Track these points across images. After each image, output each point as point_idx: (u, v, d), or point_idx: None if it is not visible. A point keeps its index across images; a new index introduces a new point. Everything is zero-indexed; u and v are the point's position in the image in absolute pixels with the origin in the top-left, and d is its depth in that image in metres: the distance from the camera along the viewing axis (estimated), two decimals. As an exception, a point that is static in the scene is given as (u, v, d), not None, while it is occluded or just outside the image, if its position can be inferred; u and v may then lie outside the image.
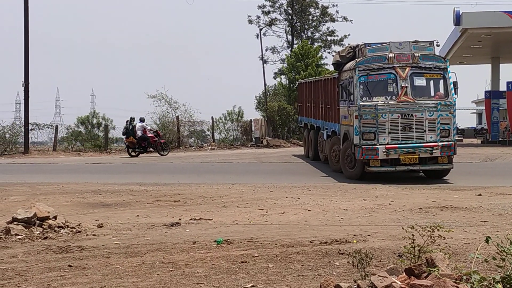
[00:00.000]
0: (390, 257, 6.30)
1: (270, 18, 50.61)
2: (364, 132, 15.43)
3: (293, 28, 50.67)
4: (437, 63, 15.91)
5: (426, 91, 16.03)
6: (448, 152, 15.53)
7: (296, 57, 41.92)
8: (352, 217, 9.60)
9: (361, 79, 15.73)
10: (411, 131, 15.39)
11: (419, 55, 15.68)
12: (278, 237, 7.78)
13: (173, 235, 8.14)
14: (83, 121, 34.72)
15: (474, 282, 3.70)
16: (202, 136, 38.28)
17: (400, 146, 15.33)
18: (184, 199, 12.24)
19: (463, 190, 13.29)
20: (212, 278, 5.71)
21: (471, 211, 9.83)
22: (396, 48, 15.80)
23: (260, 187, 14.22)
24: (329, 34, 50.91)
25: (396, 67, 15.58)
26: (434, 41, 16.35)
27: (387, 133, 15.37)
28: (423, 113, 15.41)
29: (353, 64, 16.24)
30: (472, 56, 42.62)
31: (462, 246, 6.84)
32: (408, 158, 15.41)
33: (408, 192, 13.07)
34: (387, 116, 15.36)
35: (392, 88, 15.75)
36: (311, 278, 5.60)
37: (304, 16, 50.50)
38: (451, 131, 15.64)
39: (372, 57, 15.87)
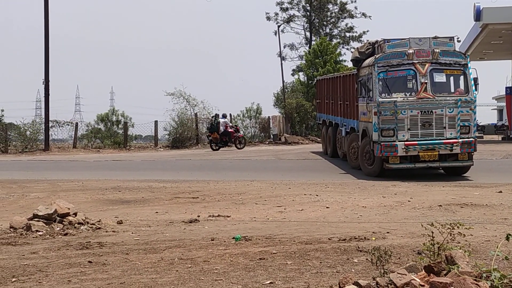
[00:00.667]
0: (409, 255, 6.26)
1: (288, 14, 50.54)
2: (383, 129, 15.33)
3: (311, 24, 50.54)
4: (457, 59, 15.75)
5: (446, 87, 15.85)
6: (469, 149, 15.36)
7: (315, 53, 41.82)
8: (370, 214, 9.56)
9: (380, 75, 15.63)
10: (430, 127, 15.25)
11: (439, 51, 15.54)
12: (296, 234, 7.77)
13: (192, 232, 8.17)
14: (103, 118, 34.98)
15: (494, 279, 3.67)
16: (220, 134, 38.31)
17: (420, 143, 15.20)
18: (202, 196, 12.28)
19: (483, 187, 13.17)
20: (231, 274, 5.73)
21: (491, 208, 9.75)
22: (415, 44, 15.68)
23: (278, 184, 14.22)
24: (348, 30, 50.70)
25: (415, 63, 15.46)
26: (454, 37, 16.20)
27: (407, 129, 15.26)
28: (443, 109, 15.27)
29: (372, 60, 16.15)
30: (493, 52, 42.20)
31: (482, 244, 6.79)
32: (428, 155, 15.26)
33: (427, 189, 12.99)
34: (406, 113, 15.25)
35: (411, 84, 15.60)
36: (330, 275, 5.59)
37: (322, 13, 50.34)
38: (471, 127, 15.46)
39: (392, 53, 15.76)
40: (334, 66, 39.99)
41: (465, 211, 9.56)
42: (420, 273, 4.17)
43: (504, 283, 3.65)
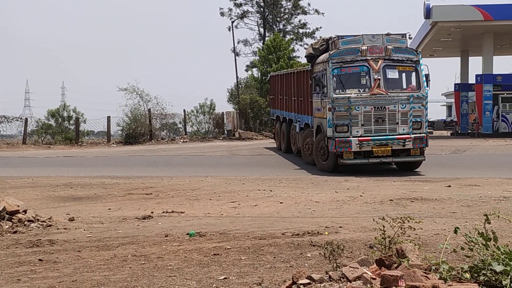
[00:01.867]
0: (361, 249, 6.36)
1: (242, 10, 50.52)
2: (337, 125, 15.46)
3: (265, 20, 50.65)
4: (409, 55, 15.99)
5: (398, 83, 16.07)
6: (420, 144, 15.66)
7: (268, 49, 41.93)
8: (323, 209, 9.66)
9: (335, 71, 15.75)
10: (384, 123, 15.48)
11: (391, 48, 15.74)
12: (250, 229, 7.80)
13: (145, 228, 8.11)
14: (54, 114, 34.30)
15: (443, 271, 3.76)
16: (174, 129, 38.13)
17: (373, 139, 15.41)
18: (156, 192, 12.19)
19: (433, 181, 13.46)
20: (185, 270, 5.71)
21: (440, 202, 9.96)
22: (369, 40, 15.85)
23: (232, 180, 14.22)
24: (301, 26, 51.00)
25: (369, 59, 15.64)
26: (406, 34, 16.44)
27: (360, 125, 15.44)
28: (396, 105, 15.49)
29: (326, 56, 16.26)
30: (442, 49, 43.12)
31: (431, 237, 6.94)
32: (381, 150, 15.48)
33: (379, 184, 13.19)
34: (360, 109, 15.42)
35: (365, 80, 15.74)
36: (283, 269, 5.63)
37: (276, 9, 50.48)
38: (423, 123, 15.74)
39: (345, 49, 15.90)
40: (287, 62, 40.17)
41: (415, 205, 9.74)
42: (372, 267, 4.24)
43: (452, 275, 3.74)
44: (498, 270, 3.53)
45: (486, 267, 3.63)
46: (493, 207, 9.12)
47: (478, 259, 3.78)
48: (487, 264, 3.64)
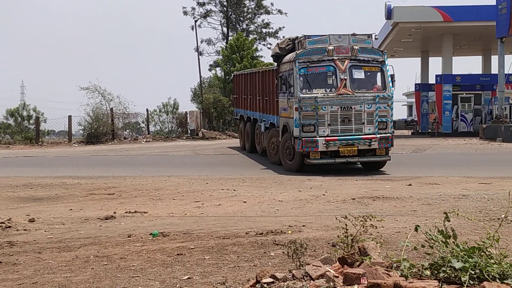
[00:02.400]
0: (324, 247, 6.40)
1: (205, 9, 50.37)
2: (304, 124, 15.47)
3: (228, 20, 50.60)
4: (375, 56, 16.10)
5: (364, 83, 16.11)
6: (386, 144, 15.79)
7: (231, 49, 41.93)
8: (287, 208, 9.70)
9: (301, 71, 15.76)
10: (350, 123, 15.55)
11: (358, 48, 15.82)
12: (214, 229, 7.79)
13: (108, 229, 8.03)
14: (13, 113, 33.73)
15: (404, 269, 3.81)
16: (137, 128, 37.87)
17: (340, 138, 15.46)
18: (118, 192, 12.07)
19: (394, 180, 13.63)
20: (148, 271, 5.68)
21: (401, 201, 10.09)
22: (335, 40, 15.88)
23: (195, 179, 14.18)
24: (264, 26, 51.12)
25: (335, 59, 15.67)
26: (372, 34, 16.57)
27: (327, 125, 15.48)
28: (362, 105, 15.57)
29: (293, 56, 16.23)
30: (403, 49, 43.72)
31: (393, 235, 7.03)
32: (347, 150, 15.55)
33: (341, 183, 13.31)
34: (326, 109, 15.46)
35: (331, 80, 15.78)
36: (247, 269, 5.65)
37: (239, 8, 50.49)
38: (388, 123, 15.87)
39: (312, 49, 15.91)
40: (251, 61, 40.24)
41: (377, 204, 9.85)
42: (335, 265, 4.28)
43: (413, 272, 3.80)
44: (457, 267, 3.60)
45: (445, 264, 3.70)
46: (453, 205, 9.28)
47: (438, 256, 3.85)
48: (446, 261, 3.71)
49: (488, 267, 3.60)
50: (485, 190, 11.17)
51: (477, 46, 41.60)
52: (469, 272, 3.56)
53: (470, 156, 21.09)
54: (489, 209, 8.85)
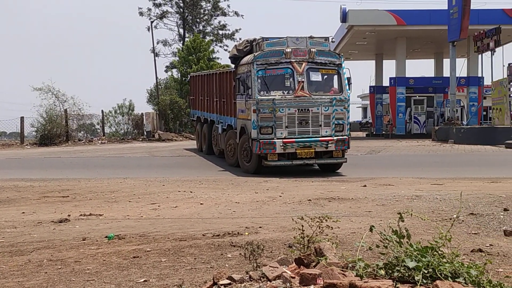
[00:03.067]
0: (280, 248, 6.44)
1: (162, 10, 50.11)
2: (262, 126, 15.49)
3: (184, 21, 50.43)
4: (332, 58, 16.23)
5: (322, 86, 16.23)
6: (343, 147, 15.97)
7: (188, 50, 41.81)
8: (244, 209, 9.71)
9: (259, 73, 15.77)
10: (307, 125, 15.64)
11: (315, 51, 15.93)
12: (170, 231, 7.74)
13: (62, 232, 7.90)
14: (-38, 114, 32.91)
15: (359, 269, 3.87)
16: (91, 130, 37.39)
17: (297, 140, 15.53)
18: (73, 195, 11.89)
19: (349, 181, 13.79)
20: (103, 274, 5.61)
21: (357, 202, 10.22)
22: (293, 43, 15.95)
23: (152, 181, 14.07)
24: (221, 28, 51.18)
25: (293, 62, 15.74)
26: (329, 37, 16.74)
27: (284, 127, 15.53)
28: (319, 108, 15.67)
29: (251, 58, 16.24)
30: (358, 52, 44.34)
31: (348, 235, 7.11)
32: (305, 152, 15.64)
33: (298, 185, 13.39)
34: (284, 111, 15.51)
35: (289, 82, 15.87)
36: (204, 270, 5.64)
37: (195, 10, 50.40)
38: (345, 125, 16.03)
39: (270, 51, 15.92)
40: (207, 63, 40.22)
41: (333, 205, 9.95)
42: (291, 266, 4.31)
43: (368, 271, 3.86)
44: (411, 266, 3.67)
45: (400, 263, 3.76)
46: (406, 205, 9.45)
47: (392, 256, 3.91)
48: (400, 260, 3.77)
49: (440, 266, 3.68)
50: (438, 190, 11.41)
51: (429, 49, 42.52)
52: (422, 271, 3.63)
53: (423, 158, 21.51)
54: (441, 210, 9.04)
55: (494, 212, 8.60)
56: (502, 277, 4.93)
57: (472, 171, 15.93)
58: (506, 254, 6.04)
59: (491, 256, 5.87)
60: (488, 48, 29.77)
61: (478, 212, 8.65)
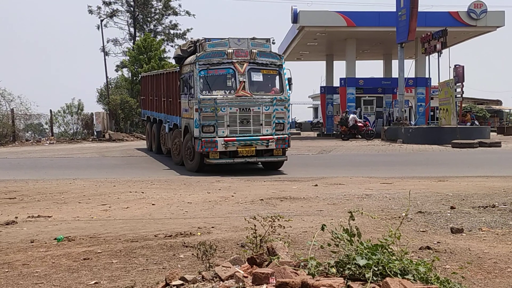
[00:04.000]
0: (233, 248, 6.45)
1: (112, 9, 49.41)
2: (204, 125, 15.74)
3: (135, 20, 49.88)
4: (273, 59, 16.58)
5: (263, 86, 16.56)
6: (283, 145, 16.33)
7: (139, 49, 41.39)
8: (196, 209, 9.68)
9: (201, 73, 16.00)
10: (248, 124, 15.95)
11: (256, 52, 16.26)
12: (122, 232, 7.66)
13: (9, 234, 7.71)
14: None
15: (311, 267, 3.91)
16: (39, 130, 36.64)
17: (238, 139, 15.84)
18: (20, 196, 11.62)
19: (301, 181, 13.91)
20: (53, 277, 5.51)
21: (308, 201, 10.31)
22: (235, 44, 16.25)
23: (102, 182, 13.89)
24: (172, 27, 50.82)
25: (234, 62, 16.03)
26: (270, 39, 17.05)
27: (226, 126, 15.81)
28: (260, 107, 16.01)
29: (193, 58, 16.46)
30: (309, 53, 44.72)
31: (300, 234, 7.17)
32: (246, 151, 15.95)
33: (250, 184, 13.43)
34: (226, 110, 15.78)
35: (231, 82, 16.17)
36: (156, 271, 5.60)
37: (146, 9, 49.90)
38: (285, 124, 16.42)
39: (212, 52, 16.17)
40: (158, 63, 39.89)
41: (285, 204, 10.01)
42: (244, 265, 4.32)
43: (320, 270, 3.90)
44: (361, 264, 3.73)
45: (351, 261, 3.82)
46: (357, 204, 9.59)
47: (343, 254, 3.97)
48: (351, 258, 3.83)
49: (390, 263, 3.75)
50: (387, 189, 11.62)
51: (378, 50, 43.23)
52: (373, 269, 3.69)
53: (372, 157, 21.85)
54: (390, 208, 9.21)
55: (442, 210, 8.82)
56: (449, 273, 5.07)
57: (420, 170, 16.29)
58: (453, 251, 6.20)
59: (438, 253, 6.02)
60: (435, 50, 30.45)
61: (426, 210, 8.85)
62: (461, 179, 13.82)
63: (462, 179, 13.70)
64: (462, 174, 15.10)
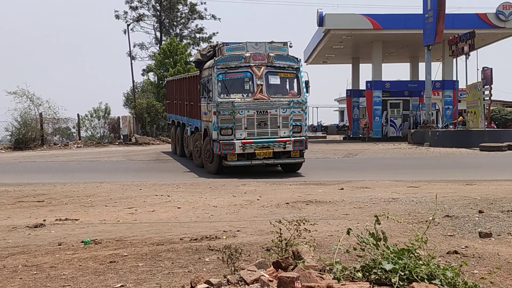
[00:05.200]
0: (258, 252, 6.43)
1: (138, 13, 49.84)
2: (222, 128, 16.03)
3: (161, 24, 50.25)
4: (290, 63, 16.77)
5: (280, 89, 16.79)
6: (300, 147, 16.52)
7: (165, 54, 41.65)
8: (221, 213, 9.69)
9: (219, 76, 16.31)
10: (266, 126, 16.19)
11: (273, 55, 16.52)
12: (147, 235, 7.70)
13: (37, 237, 7.81)
14: None
15: (336, 272, 3.89)
16: (67, 134, 37.07)
17: (256, 141, 16.08)
18: (48, 199, 11.76)
19: (327, 184, 13.84)
20: (79, 279, 5.55)
21: (334, 205, 10.25)
22: (252, 48, 16.57)
23: (129, 185, 13.99)
24: (198, 31, 51.07)
25: (252, 66, 16.32)
26: (287, 42, 17.24)
27: (244, 128, 16.08)
28: (277, 110, 16.24)
29: (212, 62, 16.77)
30: (335, 56, 44.55)
31: (326, 238, 7.12)
32: (263, 152, 16.20)
33: (275, 188, 13.40)
34: (243, 113, 16.06)
35: (248, 86, 16.42)
36: (182, 275, 5.61)
37: (172, 13, 50.24)
38: (303, 127, 16.60)
39: (230, 56, 16.48)
40: (184, 66, 40.11)
41: (310, 208, 9.97)
42: (269, 269, 4.31)
43: (345, 274, 3.88)
44: (387, 268, 3.70)
45: (376, 266, 3.79)
46: (383, 208, 9.51)
47: (369, 258, 3.93)
48: (377, 263, 3.80)
49: (417, 268, 3.71)
50: (414, 193, 11.50)
51: (405, 53, 42.89)
52: (399, 274, 3.66)
53: (399, 160, 21.67)
54: (417, 212, 9.11)
55: (469, 214, 8.70)
56: (477, 278, 4.99)
57: (448, 174, 16.10)
58: (481, 255, 6.10)
59: (466, 258, 5.93)
60: (462, 52, 30.12)
61: (454, 214, 8.73)
62: (490, 182, 13.62)
63: (490, 183, 13.50)
64: (490, 177, 14.88)
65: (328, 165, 18.28)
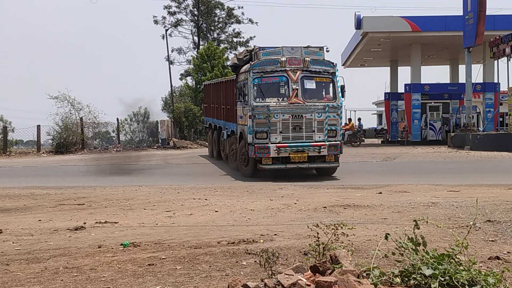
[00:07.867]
0: (296, 256, 6.41)
1: (176, 18, 50.33)
2: (257, 131, 16.15)
3: (199, 29, 50.63)
4: (326, 67, 16.79)
5: (315, 93, 16.80)
6: (335, 151, 16.51)
7: (202, 58, 41.92)
8: (259, 217, 9.70)
9: (255, 81, 16.43)
10: (301, 131, 16.25)
11: (309, 60, 16.56)
12: (185, 238, 7.75)
13: (78, 239, 7.93)
14: (-21, 122, 33.21)
15: (374, 277, 3.85)
16: (107, 138, 37.57)
17: (290, 145, 16.14)
18: (88, 202, 11.94)
19: (364, 188, 13.73)
20: (119, 282, 5.62)
21: (372, 209, 10.17)
22: (288, 52, 16.62)
23: (167, 189, 14.11)
24: (235, 35, 51.29)
25: (288, 70, 16.38)
26: (324, 47, 17.23)
27: (279, 132, 16.17)
28: (312, 114, 16.27)
29: (248, 66, 16.90)
30: (373, 59, 44.16)
31: (364, 243, 7.07)
32: (298, 156, 16.24)
33: (312, 192, 13.35)
34: (278, 117, 16.14)
35: (284, 90, 16.53)
36: (219, 278, 5.63)
37: (210, 17, 50.57)
38: (338, 131, 16.65)
39: (266, 60, 16.59)
40: (222, 70, 40.29)
41: (348, 212, 9.91)
42: (307, 273, 4.29)
43: (384, 279, 3.84)
44: (427, 274, 3.65)
45: (416, 271, 3.74)
46: (422, 212, 9.39)
47: (408, 263, 3.89)
48: (417, 268, 3.75)
49: (457, 274, 3.65)
50: (454, 197, 11.32)
51: (444, 55, 42.26)
52: (439, 279, 3.60)
53: (439, 164, 21.37)
54: (457, 217, 8.97)
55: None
56: (520, 285, 4.88)
57: (489, 178, 15.80)
58: (524, 261, 5.97)
59: (509, 264, 5.81)
60: (504, 54, 29.54)
61: (495, 219, 8.57)
62: (533, 187, 13.32)
63: (533, 187, 13.21)
64: (533, 182, 14.56)
65: (366, 169, 18.13)
